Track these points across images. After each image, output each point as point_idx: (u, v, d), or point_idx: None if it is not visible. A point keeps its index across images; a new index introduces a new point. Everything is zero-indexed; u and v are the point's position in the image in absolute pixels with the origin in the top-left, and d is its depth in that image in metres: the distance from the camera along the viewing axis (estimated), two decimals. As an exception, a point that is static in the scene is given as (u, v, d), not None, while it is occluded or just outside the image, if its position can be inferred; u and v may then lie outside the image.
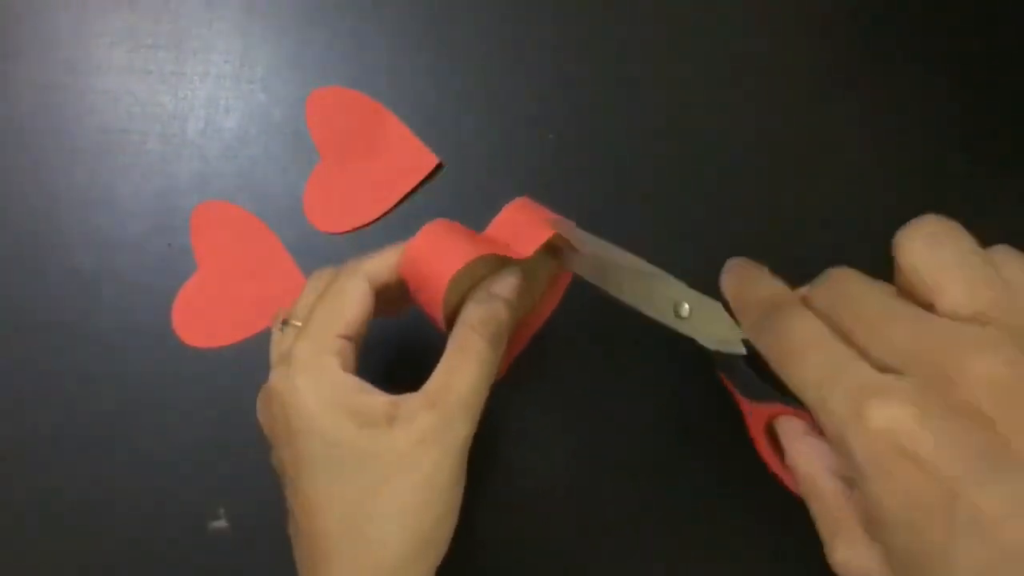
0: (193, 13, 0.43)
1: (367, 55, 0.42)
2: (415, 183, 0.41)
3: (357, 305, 0.29)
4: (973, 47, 0.41)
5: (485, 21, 0.43)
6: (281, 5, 0.43)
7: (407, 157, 0.41)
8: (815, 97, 0.41)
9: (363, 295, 0.29)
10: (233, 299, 0.40)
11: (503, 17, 0.43)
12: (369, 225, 0.41)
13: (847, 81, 0.41)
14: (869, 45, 0.42)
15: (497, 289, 0.31)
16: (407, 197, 0.41)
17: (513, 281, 0.31)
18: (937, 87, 0.41)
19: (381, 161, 0.41)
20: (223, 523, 0.38)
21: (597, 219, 0.34)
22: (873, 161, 0.40)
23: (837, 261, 0.26)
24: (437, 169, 0.41)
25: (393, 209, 0.41)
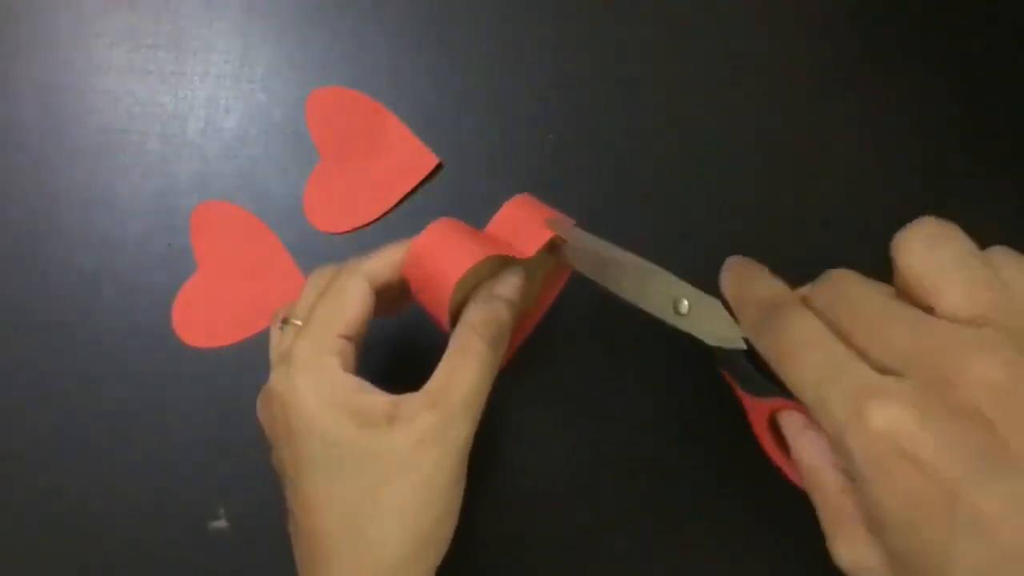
0: (193, 13, 0.43)
1: (367, 55, 0.42)
2: (415, 183, 0.41)
3: (358, 305, 0.29)
4: (973, 47, 0.41)
5: (485, 21, 0.43)
6: (281, 5, 0.43)
7: (407, 157, 0.41)
8: (815, 97, 0.41)
9: (364, 294, 0.29)
10: (233, 299, 0.40)
11: (503, 17, 0.43)
12: (369, 225, 0.41)
13: (847, 81, 0.41)
14: (869, 45, 0.42)
15: (499, 290, 0.31)
16: (407, 197, 0.41)
17: (516, 281, 0.31)
18: (937, 87, 0.41)
19: (381, 161, 0.41)
20: (223, 523, 0.38)
21: (597, 219, 0.34)
22: (873, 161, 0.40)
23: (837, 261, 0.26)
24: (437, 169, 0.41)
25: (393, 209, 0.41)
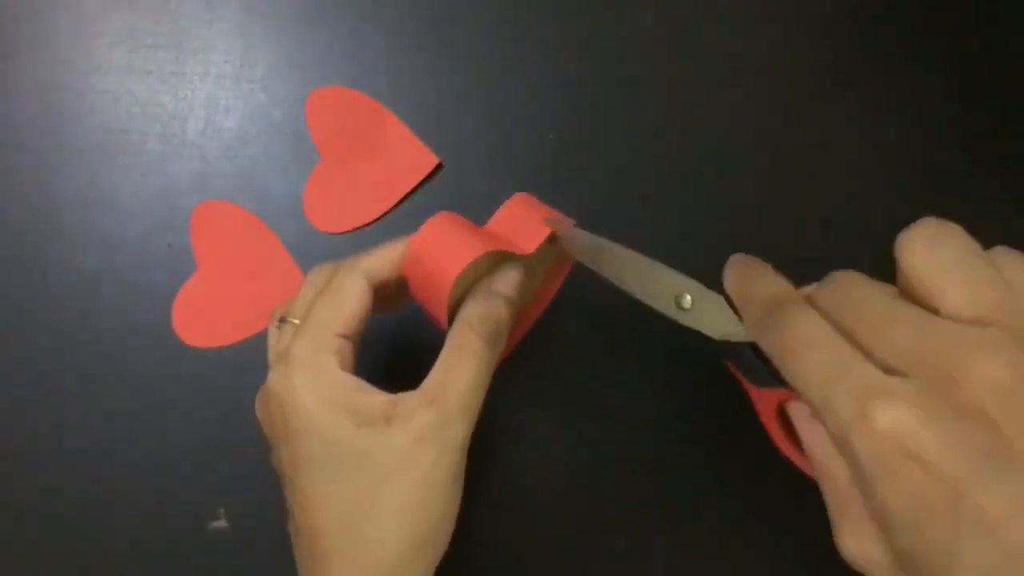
0: (193, 13, 0.43)
1: (367, 55, 0.42)
2: (415, 183, 0.41)
3: (356, 303, 0.29)
4: (973, 47, 0.41)
5: (485, 21, 0.43)
6: (281, 5, 0.43)
7: (407, 157, 0.41)
8: (815, 97, 0.41)
9: (362, 292, 0.29)
10: (233, 299, 0.40)
11: (503, 17, 0.43)
12: (369, 225, 0.41)
13: (847, 81, 0.41)
14: (869, 45, 0.42)
15: (497, 286, 0.31)
16: (407, 197, 0.41)
17: (514, 277, 0.31)
18: (937, 87, 0.41)
19: (381, 161, 0.41)
20: (223, 523, 0.38)
21: (597, 219, 0.34)
22: (873, 161, 0.40)
23: (837, 261, 0.26)
24: (437, 169, 0.41)
25: (393, 209, 0.41)
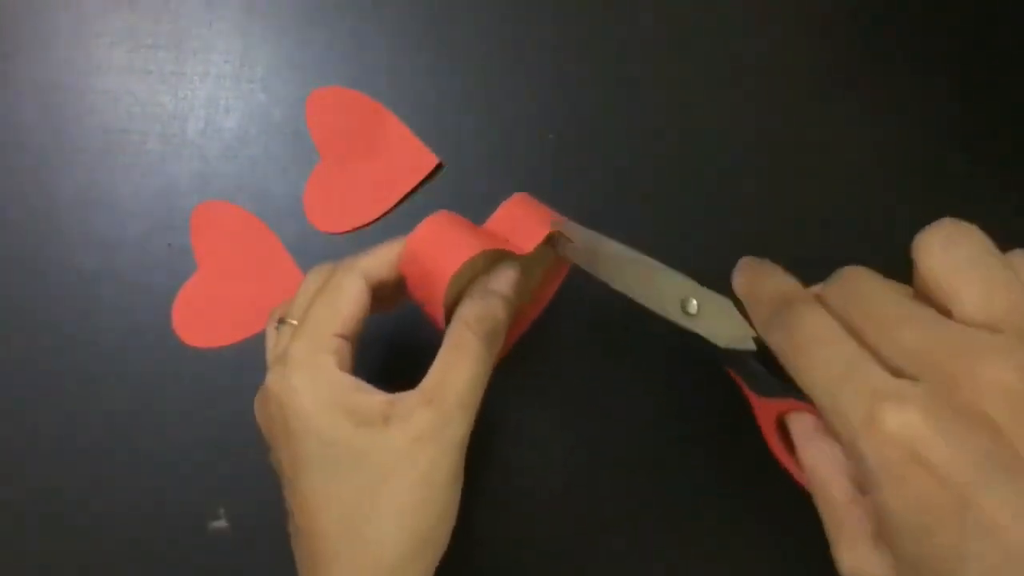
0: (193, 13, 0.43)
1: (367, 55, 0.42)
2: (415, 183, 0.41)
3: (354, 303, 0.29)
4: (973, 47, 0.41)
5: (485, 21, 0.43)
6: (281, 5, 0.43)
7: (407, 157, 0.41)
8: (815, 97, 0.41)
9: (360, 292, 0.29)
10: (233, 299, 0.40)
11: (503, 17, 0.43)
12: (369, 225, 0.41)
13: (847, 81, 0.41)
14: (869, 45, 0.42)
15: (495, 285, 0.31)
16: (407, 197, 0.41)
17: (512, 276, 0.31)
18: (937, 87, 0.41)
19: (381, 161, 0.41)
20: (223, 523, 0.38)
21: (597, 219, 0.34)
22: (873, 161, 0.40)
23: (837, 261, 0.26)
24: (437, 169, 0.41)
25: (393, 209, 0.41)
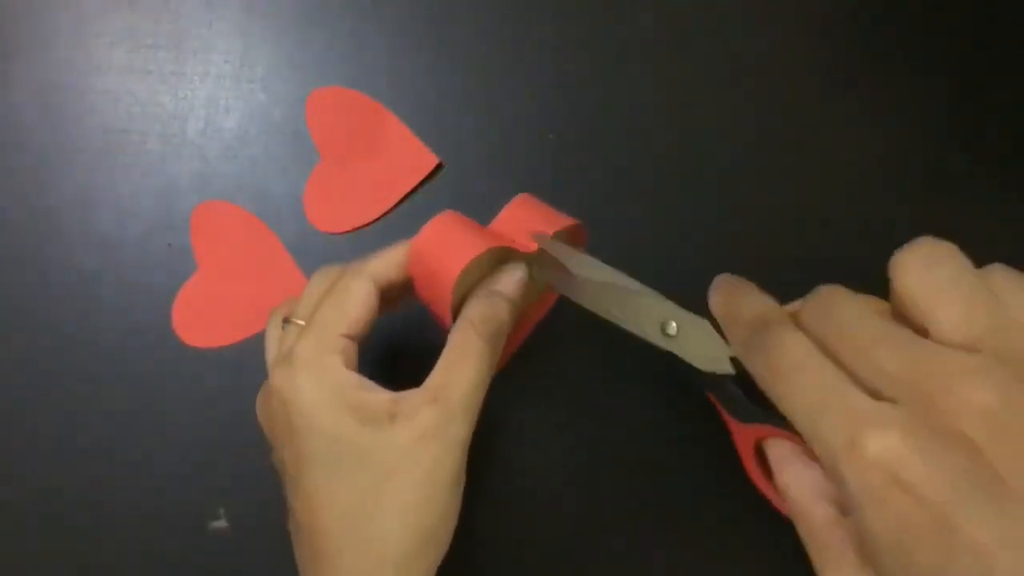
0: (193, 13, 0.43)
1: (367, 55, 0.42)
2: (415, 183, 0.41)
3: (362, 305, 0.29)
4: (973, 47, 0.41)
5: (485, 21, 0.43)
6: (281, 5, 0.43)
7: (407, 157, 0.41)
8: (815, 97, 0.41)
9: (368, 295, 0.29)
10: (233, 299, 0.40)
11: (503, 17, 0.43)
12: (369, 225, 0.41)
13: (847, 81, 0.41)
14: (869, 45, 0.42)
15: (500, 286, 0.31)
16: (407, 197, 0.41)
17: (517, 277, 0.31)
18: (937, 87, 0.41)
19: (381, 161, 0.41)
20: (223, 523, 0.38)
21: (597, 219, 0.34)
22: (873, 161, 0.40)
23: (837, 261, 0.26)
24: (437, 169, 0.41)
25: (393, 209, 0.41)
